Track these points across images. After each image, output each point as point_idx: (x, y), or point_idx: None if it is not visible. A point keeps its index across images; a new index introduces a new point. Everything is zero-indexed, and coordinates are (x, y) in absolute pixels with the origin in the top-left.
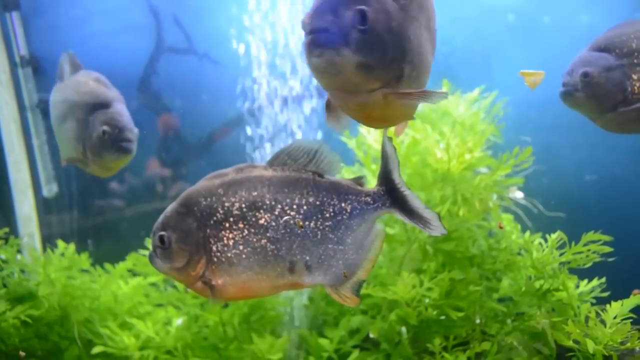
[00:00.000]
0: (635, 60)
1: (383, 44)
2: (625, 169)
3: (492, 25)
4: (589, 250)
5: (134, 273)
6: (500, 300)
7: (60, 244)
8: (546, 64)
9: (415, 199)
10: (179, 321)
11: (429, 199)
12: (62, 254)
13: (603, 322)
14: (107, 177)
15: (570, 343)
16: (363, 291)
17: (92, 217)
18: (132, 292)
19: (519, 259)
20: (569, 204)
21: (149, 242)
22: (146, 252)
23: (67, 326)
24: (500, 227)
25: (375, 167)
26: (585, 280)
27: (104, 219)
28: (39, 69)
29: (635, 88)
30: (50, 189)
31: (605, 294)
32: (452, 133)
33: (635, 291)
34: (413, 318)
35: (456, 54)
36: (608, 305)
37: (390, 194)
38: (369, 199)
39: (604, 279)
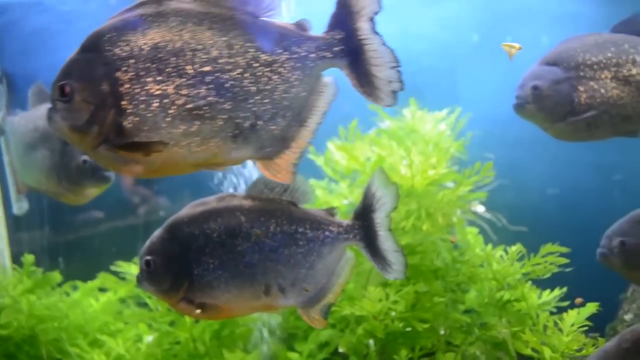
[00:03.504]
0: (581, 73)
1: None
2: (586, 182)
3: (457, 44)
4: (545, 261)
5: (106, 289)
6: (467, 311)
7: (26, 260)
8: (509, 82)
9: (388, 242)
10: (149, 338)
11: (394, 215)
12: (31, 273)
13: (562, 330)
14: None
15: (529, 351)
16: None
17: (63, 234)
18: (102, 310)
19: (480, 271)
20: (532, 217)
21: (126, 265)
22: (117, 269)
23: (37, 345)
24: (452, 242)
25: (345, 182)
26: (548, 290)
27: (75, 236)
28: (12, 86)
29: (582, 99)
30: (20, 207)
31: (565, 303)
32: (415, 150)
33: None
34: (380, 331)
35: (422, 73)
36: (565, 314)
37: (363, 230)
38: (341, 229)
39: (565, 289)
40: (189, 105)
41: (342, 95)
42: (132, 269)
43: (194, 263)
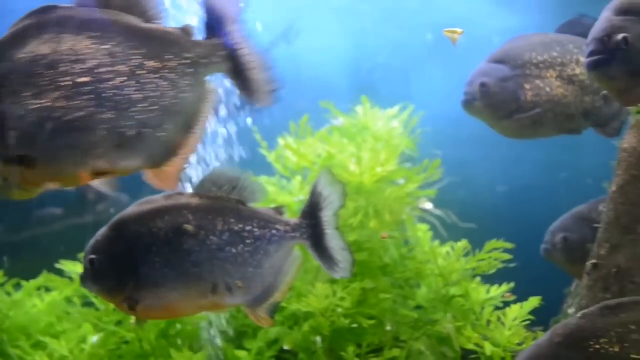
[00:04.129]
0: (527, 72)
1: None
2: (534, 180)
3: (412, 43)
4: (490, 257)
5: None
6: (419, 307)
7: None
8: (461, 81)
9: (336, 240)
10: (94, 339)
11: (343, 212)
12: None
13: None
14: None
15: (472, 346)
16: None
17: (13, 232)
18: (47, 310)
19: (427, 267)
20: (482, 213)
21: (70, 264)
22: (62, 267)
23: None
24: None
25: (298, 179)
26: (497, 286)
27: (29, 234)
28: None
29: (528, 97)
30: None
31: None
32: (366, 147)
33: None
34: (326, 328)
35: (378, 70)
36: (508, 309)
37: (310, 229)
38: (288, 228)
39: (512, 284)
40: (67, 118)
41: (297, 92)
42: (77, 268)
43: (139, 262)
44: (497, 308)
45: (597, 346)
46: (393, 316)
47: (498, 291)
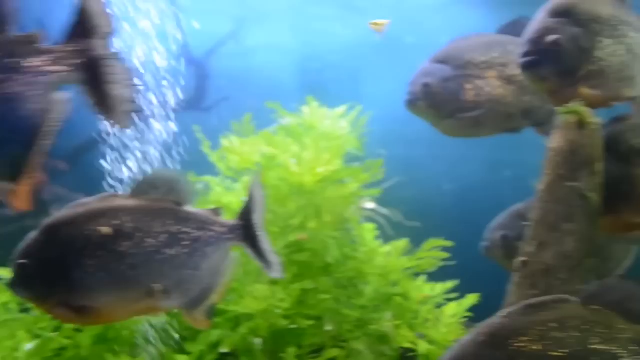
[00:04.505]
0: (469, 72)
1: None
2: (480, 178)
3: (360, 43)
4: (430, 256)
5: None
6: (365, 307)
7: None
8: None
9: (265, 242)
10: (28, 346)
11: (284, 212)
12: None
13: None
14: None
15: (410, 345)
16: (219, 305)
17: None
18: None
19: (366, 266)
20: (429, 212)
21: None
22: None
23: None
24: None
25: (244, 179)
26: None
27: None
28: None
29: (469, 96)
30: None
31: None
32: (308, 146)
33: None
34: (264, 329)
35: (327, 70)
36: (446, 306)
37: (246, 230)
38: (224, 229)
39: (457, 281)
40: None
41: (246, 91)
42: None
43: (71, 266)
44: (441, 306)
45: (519, 344)
46: (333, 316)
47: (442, 288)
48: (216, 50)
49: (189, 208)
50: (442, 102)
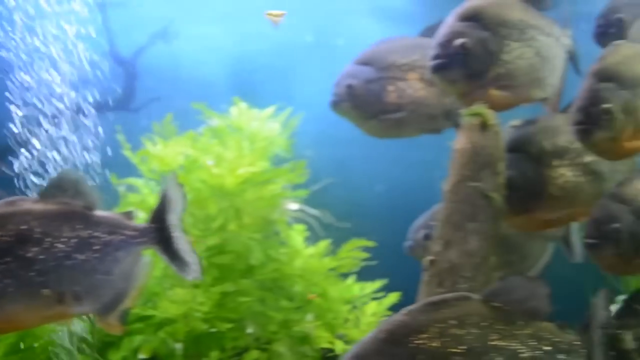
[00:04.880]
0: (391, 74)
1: None
2: (411, 179)
3: (292, 44)
4: (349, 256)
5: None
6: (298, 308)
7: None
8: None
9: (182, 242)
10: None
11: (205, 215)
12: None
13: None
14: None
15: (329, 345)
16: (137, 310)
17: None
18: None
19: (289, 268)
20: (362, 212)
21: None
22: None
23: None
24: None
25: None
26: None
27: None
28: None
29: (392, 98)
30: None
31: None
32: (231, 148)
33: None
34: (181, 333)
35: (259, 71)
36: (366, 306)
37: (159, 232)
38: (136, 233)
39: (386, 280)
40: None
41: (177, 91)
42: None
43: None
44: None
45: (419, 341)
46: (256, 318)
47: (371, 288)
48: (145, 50)
49: (100, 212)
50: (366, 103)
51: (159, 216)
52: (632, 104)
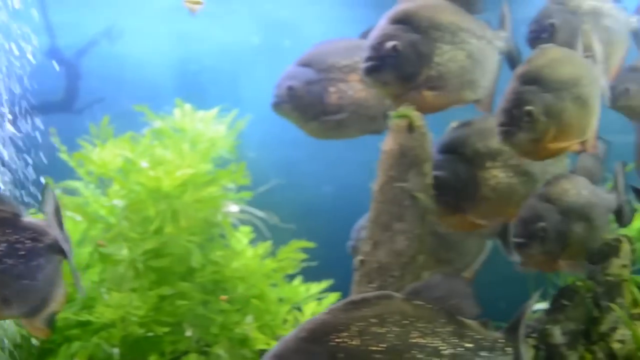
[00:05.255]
0: (332, 75)
1: None
2: (358, 179)
3: (238, 45)
4: (288, 258)
5: None
6: (237, 310)
7: None
8: None
9: (65, 243)
10: None
11: (142, 217)
12: None
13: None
14: None
15: (266, 346)
16: (72, 316)
17: None
18: None
19: (229, 270)
20: (310, 213)
21: None
22: None
23: None
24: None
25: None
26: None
27: None
28: None
29: (333, 99)
30: None
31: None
32: (173, 150)
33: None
34: (116, 338)
35: (205, 72)
36: (305, 306)
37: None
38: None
39: (332, 281)
40: None
41: (121, 93)
42: None
43: None
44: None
45: (339, 340)
46: (196, 321)
47: (317, 289)
48: (88, 50)
49: (27, 218)
50: (307, 104)
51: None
52: (555, 106)
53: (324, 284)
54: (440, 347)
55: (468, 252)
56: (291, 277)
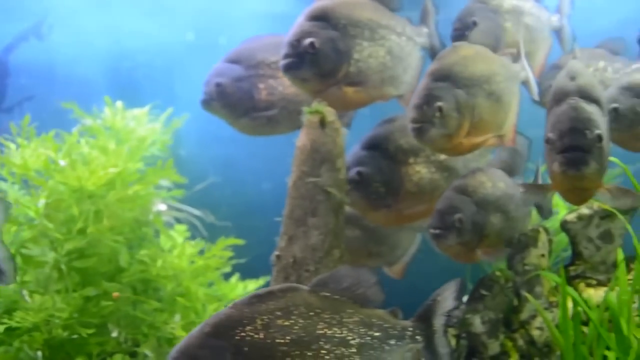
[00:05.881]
0: (261, 71)
1: None
2: None
3: (173, 42)
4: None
5: None
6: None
7: None
8: None
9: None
10: None
11: (66, 217)
12: None
13: None
14: None
15: None
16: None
17: None
18: None
19: (156, 269)
20: (249, 210)
21: None
22: None
23: None
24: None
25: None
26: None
27: None
28: None
29: (262, 95)
30: None
31: None
32: (98, 149)
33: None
34: (38, 342)
35: (139, 69)
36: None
37: None
38: None
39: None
40: None
41: (52, 89)
42: None
43: None
44: None
45: (243, 334)
46: (123, 321)
47: (254, 285)
48: (16, 46)
49: None
50: (236, 101)
51: None
52: (467, 102)
53: (262, 280)
54: (348, 337)
55: (399, 246)
56: (230, 275)
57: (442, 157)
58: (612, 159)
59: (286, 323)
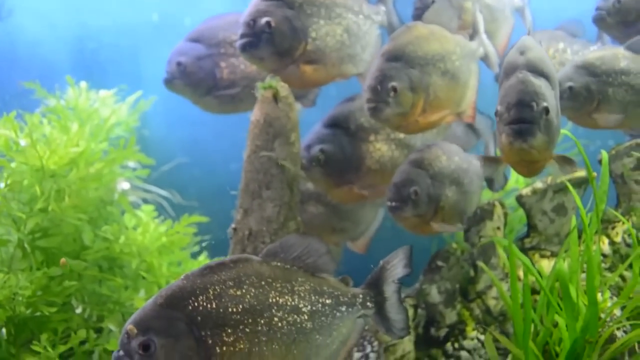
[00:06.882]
0: (222, 50)
1: None
2: None
3: (138, 22)
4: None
5: None
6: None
7: None
8: None
9: None
10: None
11: (28, 197)
12: None
13: None
14: None
15: None
16: None
17: None
18: None
19: (119, 246)
20: (217, 191)
21: None
22: None
23: None
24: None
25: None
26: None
27: None
28: None
29: (224, 74)
30: None
31: None
32: (61, 129)
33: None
34: (1, 319)
35: (104, 50)
36: None
37: None
38: None
39: None
40: None
41: (14, 71)
42: None
43: None
44: None
45: (196, 304)
46: (88, 298)
47: None
48: None
49: None
50: (198, 80)
51: None
52: (420, 81)
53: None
54: (300, 305)
55: (362, 221)
56: (198, 255)
57: (402, 135)
58: (564, 131)
59: (238, 292)
